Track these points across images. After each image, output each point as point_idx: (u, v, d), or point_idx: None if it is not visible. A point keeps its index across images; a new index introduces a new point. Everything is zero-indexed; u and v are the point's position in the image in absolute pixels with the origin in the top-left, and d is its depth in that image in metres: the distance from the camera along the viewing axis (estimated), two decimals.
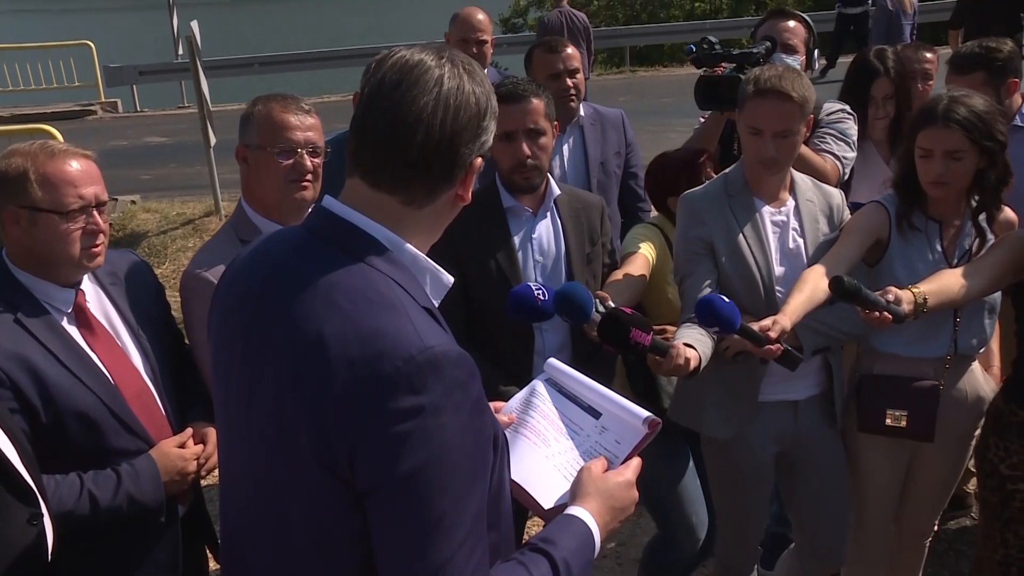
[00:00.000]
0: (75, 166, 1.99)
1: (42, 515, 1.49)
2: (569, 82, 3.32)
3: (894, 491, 2.78)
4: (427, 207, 1.35)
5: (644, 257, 2.73)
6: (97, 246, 2.03)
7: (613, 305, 2.20)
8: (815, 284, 2.36)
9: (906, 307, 2.30)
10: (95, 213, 2.01)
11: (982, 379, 2.71)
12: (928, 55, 3.72)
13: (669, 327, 2.68)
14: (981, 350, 2.70)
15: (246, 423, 1.35)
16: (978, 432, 2.72)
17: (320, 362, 1.23)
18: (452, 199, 1.37)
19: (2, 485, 1.42)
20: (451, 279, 1.42)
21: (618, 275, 2.64)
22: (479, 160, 1.36)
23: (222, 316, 1.42)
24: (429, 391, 1.20)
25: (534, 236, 2.63)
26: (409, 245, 1.35)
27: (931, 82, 3.73)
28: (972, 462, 2.90)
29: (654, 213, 3.11)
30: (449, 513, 1.22)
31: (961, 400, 2.66)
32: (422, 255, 1.37)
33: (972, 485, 3.56)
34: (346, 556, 1.29)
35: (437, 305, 1.37)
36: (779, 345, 2.27)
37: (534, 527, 3.31)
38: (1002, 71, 3.23)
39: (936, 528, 2.96)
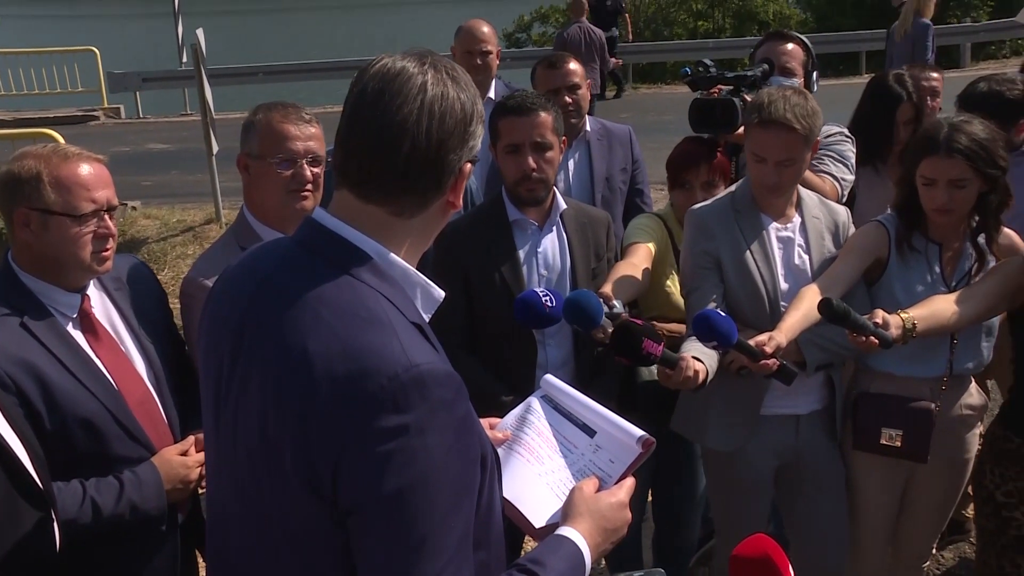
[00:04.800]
0: (88, 169, 1.98)
1: (52, 520, 1.48)
2: (568, 98, 3.30)
3: (890, 511, 2.77)
4: (418, 216, 1.32)
5: (647, 249, 2.73)
6: (107, 250, 2.02)
7: (618, 305, 2.20)
8: (811, 301, 2.37)
9: (894, 332, 2.31)
10: (106, 217, 2.01)
11: (978, 399, 2.71)
12: (934, 74, 3.80)
13: (674, 326, 2.67)
14: (978, 371, 2.70)
15: (232, 436, 1.33)
16: (972, 454, 2.71)
17: (304, 378, 1.21)
18: (443, 206, 1.35)
19: (14, 488, 1.40)
20: (442, 294, 1.39)
21: (621, 268, 2.63)
22: (469, 166, 1.34)
23: (210, 327, 1.40)
24: (414, 410, 1.18)
25: (539, 250, 2.64)
26: (399, 259, 1.32)
27: (939, 99, 3.76)
28: (971, 486, 2.90)
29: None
30: (433, 534, 1.20)
31: (958, 421, 2.65)
32: (413, 269, 1.34)
33: (971, 510, 3.54)
34: (329, 573, 1.27)
35: (428, 320, 1.34)
36: (775, 360, 2.29)
37: (530, 544, 3.30)
38: (1012, 112, 3.09)
39: (935, 552, 2.94)
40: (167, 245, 7.61)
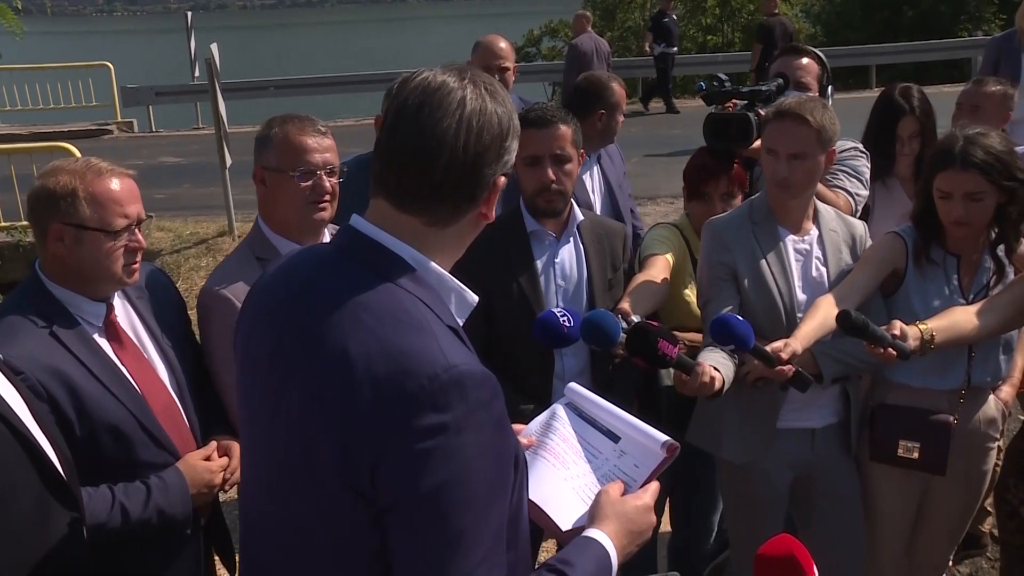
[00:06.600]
0: (120, 185, 2.02)
1: (82, 521, 1.50)
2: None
3: (906, 523, 2.77)
4: (451, 227, 1.36)
5: (665, 260, 2.76)
6: (136, 263, 2.05)
7: (636, 319, 2.21)
8: (827, 311, 2.38)
9: (912, 343, 2.32)
10: (136, 231, 2.04)
11: (996, 412, 2.70)
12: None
13: (692, 335, 2.68)
14: (996, 384, 2.70)
15: (270, 438, 1.36)
16: (989, 467, 2.71)
17: (345, 379, 1.24)
18: (476, 218, 1.38)
19: (45, 488, 1.42)
20: (475, 298, 1.42)
21: (639, 280, 2.65)
22: (502, 179, 1.37)
23: (248, 332, 1.43)
24: (452, 409, 1.21)
25: (557, 261, 2.65)
26: (434, 264, 1.36)
27: None
28: (988, 500, 2.89)
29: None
30: (469, 531, 1.23)
31: (975, 434, 2.65)
32: (447, 275, 1.38)
33: (988, 524, 3.53)
34: (364, 573, 1.29)
35: (462, 324, 1.38)
36: (791, 367, 2.30)
37: (546, 547, 3.29)
38: None
39: (951, 565, 2.93)
40: (180, 257, 7.66)
